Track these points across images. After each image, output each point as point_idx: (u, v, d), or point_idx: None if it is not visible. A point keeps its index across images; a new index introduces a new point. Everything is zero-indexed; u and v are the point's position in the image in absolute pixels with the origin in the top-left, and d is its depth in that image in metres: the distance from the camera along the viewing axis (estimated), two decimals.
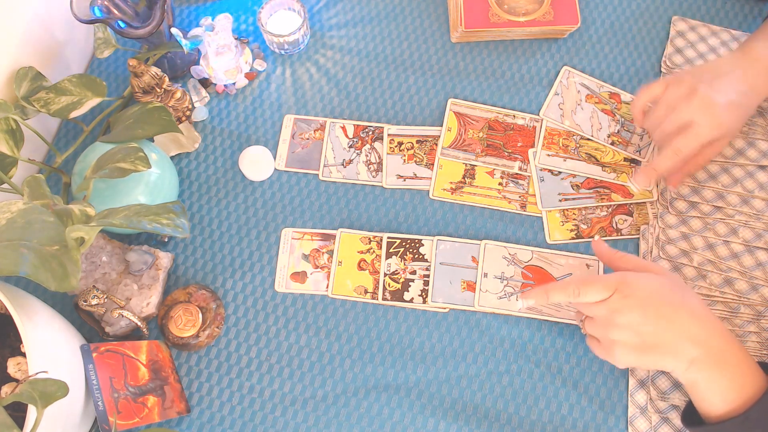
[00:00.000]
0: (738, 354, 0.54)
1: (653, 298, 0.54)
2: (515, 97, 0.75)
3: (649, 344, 0.54)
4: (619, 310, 0.55)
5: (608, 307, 0.55)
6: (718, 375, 0.53)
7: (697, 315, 0.55)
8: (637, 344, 0.55)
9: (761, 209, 0.67)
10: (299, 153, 0.73)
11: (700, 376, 0.54)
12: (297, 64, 0.77)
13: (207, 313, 0.64)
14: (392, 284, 0.67)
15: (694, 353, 0.53)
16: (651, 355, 0.55)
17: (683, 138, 0.62)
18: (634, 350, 0.55)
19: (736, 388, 0.52)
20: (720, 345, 0.54)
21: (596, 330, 0.57)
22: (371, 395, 0.63)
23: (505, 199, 0.70)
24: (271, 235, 0.70)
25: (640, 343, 0.54)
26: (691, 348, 0.53)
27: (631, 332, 0.54)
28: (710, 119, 0.61)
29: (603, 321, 0.56)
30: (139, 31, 0.66)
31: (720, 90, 0.61)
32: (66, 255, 0.46)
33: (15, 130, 0.62)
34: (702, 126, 0.61)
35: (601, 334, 0.57)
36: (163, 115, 0.64)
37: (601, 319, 0.56)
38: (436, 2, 0.80)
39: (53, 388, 0.46)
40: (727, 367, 0.53)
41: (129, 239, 0.69)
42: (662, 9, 0.79)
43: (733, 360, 0.53)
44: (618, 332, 0.55)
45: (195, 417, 0.63)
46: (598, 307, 0.56)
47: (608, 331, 0.56)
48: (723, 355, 0.53)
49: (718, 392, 0.53)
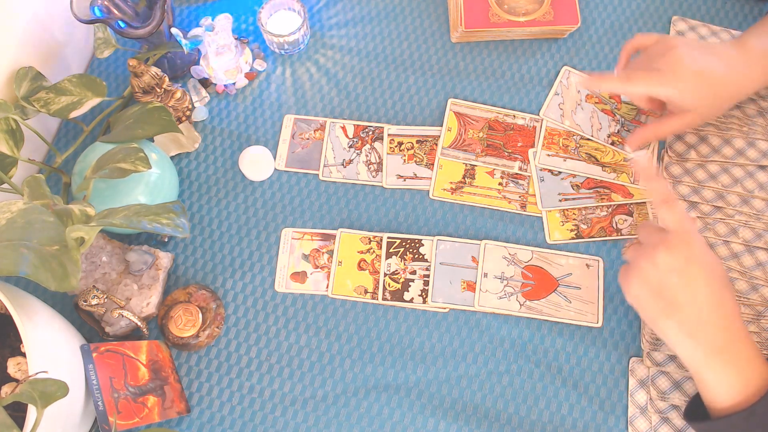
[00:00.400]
0: (748, 350, 0.54)
1: (702, 263, 0.54)
2: (515, 97, 0.75)
3: (666, 295, 0.54)
4: (669, 248, 0.54)
5: (661, 238, 0.55)
6: (724, 366, 0.53)
7: (724, 304, 0.54)
8: (656, 285, 0.55)
9: (761, 209, 0.67)
10: (299, 153, 0.73)
11: (707, 363, 0.54)
12: (297, 64, 0.77)
13: (207, 313, 0.64)
14: (392, 284, 0.67)
15: (705, 337, 0.53)
16: (659, 304, 0.55)
17: (641, 78, 0.62)
18: (650, 288, 0.55)
19: (743, 382, 0.52)
20: (732, 338, 0.54)
21: (634, 254, 0.57)
22: (371, 395, 0.63)
23: (505, 199, 0.70)
24: (271, 235, 0.70)
25: (660, 286, 0.55)
26: (704, 330, 0.53)
27: (660, 272, 0.54)
28: (674, 77, 0.61)
29: (647, 248, 0.56)
30: (139, 31, 0.66)
31: (700, 59, 0.61)
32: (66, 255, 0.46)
33: (15, 130, 0.62)
34: (663, 79, 0.61)
35: (636, 258, 0.57)
36: (163, 115, 0.64)
37: (647, 246, 0.56)
38: (436, 2, 0.80)
39: (53, 388, 0.46)
40: (736, 360, 0.53)
41: (129, 239, 0.69)
42: (662, 9, 0.79)
43: (742, 354, 0.53)
44: (650, 264, 0.55)
45: (195, 417, 0.63)
46: (653, 235, 0.56)
47: (645, 258, 0.55)
48: (732, 348, 0.53)
49: (724, 384, 0.53)
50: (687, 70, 0.61)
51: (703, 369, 0.54)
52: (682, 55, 0.61)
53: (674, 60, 0.61)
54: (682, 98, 0.62)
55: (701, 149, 0.70)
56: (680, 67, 0.61)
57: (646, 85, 0.62)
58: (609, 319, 0.65)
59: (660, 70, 0.61)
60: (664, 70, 0.61)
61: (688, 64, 0.61)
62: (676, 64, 0.61)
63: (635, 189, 0.70)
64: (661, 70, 0.61)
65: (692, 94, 0.61)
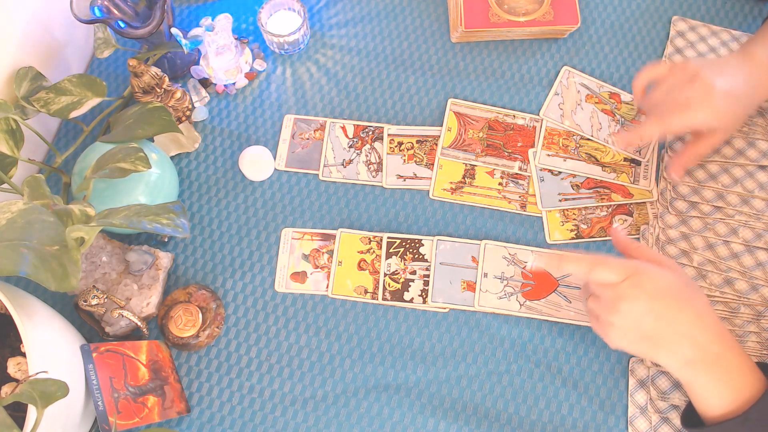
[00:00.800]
0: (737, 359, 0.54)
1: (662, 293, 0.55)
2: (515, 97, 0.75)
3: (647, 336, 0.55)
4: (626, 298, 0.55)
5: (616, 292, 0.55)
6: (714, 378, 0.53)
7: (701, 317, 0.54)
8: (635, 333, 0.55)
9: (761, 209, 0.67)
10: (299, 153, 0.73)
11: (696, 378, 0.54)
12: (297, 64, 0.77)
13: (207, 313, 0.64)
14: (392, 284, 0.67)
15: (691, 355, 0.54)
16: (645, 346, 0.55)
17: (676, 114, 0.62)
18: (630, 337, 0.55)
19: (734, 392, 0.53)
20: (719, 350, 0.54)
21: (598, 308, 0.57)
22: (371, 395, 0.63)
23: (505, 199, 0.70)
24: (271, 235, 0.70)
25: (638, 332, 0.55)
26: (689, 349, 0.54)
27: (631, 320, 0.55)
28: (708, 104, 0.61)
29: (607, 303, 0.56)
30: (139, 31, 0.66)
31: (723, 78, 0.61)
32: (66, 255, 0.46)
33: (15, 130, 0.62)
34: (698, 108, 0.61)
35: (602, 314, 0.57)
36: (163, 115, 0.64)
37: (606, 301, 0.56)
38: (436, 2, 0.80)
39: (53, 388, 0.46)
40: (725, 371, 0.53)
41: (129, 239, 0.69)
42: (662, 9, 0.79)
43: (731, 365, 0.53)
44: (619, 317, 0.55)
45: (195, 417, 0.63)
46: (606, 289, 0.56)
47: (610, 313, 0.56)
48: (721, 360, 0.53)
49: (715, 395, 0.53)
50: (719, 94, 0.61)
51: (695, 382, 0.55)
52: (711, 80, 0.61)
53: (705, 87, 0.61)
54: (717, 120, 0.62)
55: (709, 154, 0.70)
56: (712, 93, 0.61)
57: (685, 122, 0.62)
58: None
59: (690, 99, 0.61)
60: (695, 98, 0.61)
61: (719, 87, 0.61)
62: (708, 92, 0.61)
63: (635, 189, 0.70)
64: (691, 100, 0.61)
65: (725, 115, 0.62)
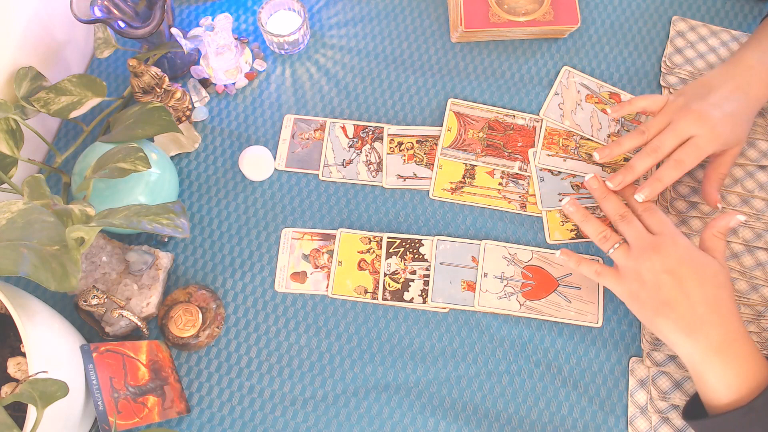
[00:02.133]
0: (746, 347, 0.54)
1: (693, 263, 0.56)
2: (515, 97, 0.75)
3: (659, 294, 0.56)
4: (659, 250, 0.57)
5: (652, 242, 0.57)
6: (722, 363, 0.54)
7: (719, 302, 0.55)
8: (650, 286, 0.56)
9: (761, 209, 0.67)
10: (299, 153, 0.73)
11: (704, 361, 0.54)
12: (297, 64, 0.77)
13: (207, 313, 0.64)
14: (392, 284, 0.67)
15: (700, 335, 0.54)
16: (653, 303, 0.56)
17: (684, 149, 0.62)
18: (645, 288, 0.57)
19: (741, 378, 0.53)
20: (728, 335, 0.54)
21: (626, 257, 0.59)
22: (371, 395, 0.63)
23: (505, 199, 0.70)
24: (271, 235, 0.70)
25: (654, 286, 0.56)
26: (699, 328, 0.54)
27: (654, 273, 0.56)
28: (708, 132, 0.61)
29: (640, 248, 0.58)
30: (139, 31, 0.66)
31: (714, 104, 0.62)
32: (66, 255, 0.46)
33: (15, 130, 0.62)
34: (701, 138, 0.62)
35: (627, 263, 0.59)
36: (163, 115, 0.64)
37: (639, 246, 0.58)
38: (436, 2, 0.80)
39: (53, 388, 0.46)
40: (734, 357, 0.54)
41: (129, 239, 0.69)
42: (662, 9, 0.79)
43: (740, 351, 0.54)
44: (645, 265, 0.57)
45: (195, 417, 0.63)
46: (642, 237, 0.58)
47: (638, 260, 0.58)
48: (729, 345, 0.54)
49: (723, 381, 0.53)
50: (715, 120, 0.61)
51: (702, 367, 0.55)
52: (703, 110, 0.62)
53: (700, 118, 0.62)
54: (725, 144, 0.63)
55: None
56: (710, 121, 0.61)
57: (697, 157, 0.62)
58: (609, 319, 0.65)
59: (694, 136, 0.62)
60: (698, 134, 0.62)
61: (715, 114, 0.62)
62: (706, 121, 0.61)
63: None
64: (696, 136, 0.62)
65: (730, 136, 0.62)
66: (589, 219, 0.63)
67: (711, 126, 0.61)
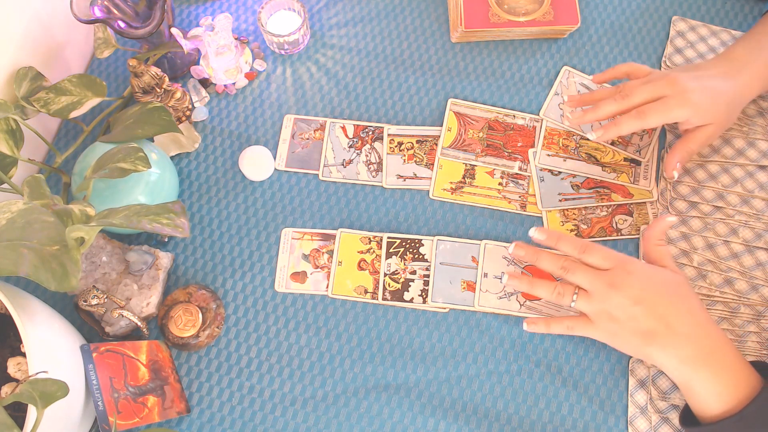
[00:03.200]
0: (731, 356, 0.54)
1: (654, 285, 0.55)
2: (515, 97, 0.75)
3: (640, 329, 0.55)
4: (619, 285, 0.55)
5: (608, 280, 0.56)
6: (711, 374, 0.54)
7: (693, 314, 0.55)
8: (628, 325, 0.55)
9: (761, 209, 0.67)
10: (299, 153, 0.73)
11: (692, 376, 0.54)
12: (297, 64, 0.77)
13: (207, 313, 0.64)
14: (392, 284, 0.67)
15: (685, 352, 0.54)
16: (637, 341, 0.56)
17: (651, 104, 0.62)
18: (621, 326, 0.56)
19: (731, 388, 0.53)
20: (713, 345, 0.54)
21: (589, 304, 0.57)
22: (371, 395, 0.63)
23: (505, 199, 0.70)
24: (271, 235, 0.70)
25: (631, 325, 0.55)
26: (683, 346, 0.54)
27: (623, 309, 0.55)
28: (679, 95, 0.61)
29: (599, 292, 0.56)
30: (139, 31, 0.66)
31: (696, 76, 0.62)
32: (66, 255, 0.46)
33: (15, 130, 0.62)
34: (672, 99, 0.61)
35: (593, 308, 0.57)
36: (163, 115, 0.64)
37: (598, 290, 0.56)
38: (436, 2, 0.80)
39: (53, 388, 0.46)
40: (720, 368, 0.54)
41: (129, 239, 0.69)
42: (662, 9, 0.79)
43: (726, 362, 0.54)
44: (611, 306, 0.55)
45: (195, 417, 0.63)
46: (596, 279, 0.56)
47: (603, 302, 0.56)
48: (716, 356, 0.54)
49: (712, 392, 0.54)
50: (693, 90, 0.61)
51: (691, 380, 0.55)
52: (683, 79, 0.62)
53: (679, 85, 0.62)
54: (699, 116, 0.62)
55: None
56: (686, 87, 0.61)
57: (662, 114, 0.62)
58: None
59: (666, 96, 0.62)
60: (670, 95, 0.62)
61: (692, 84, 0.61)
62: (683, 89, 0.61)
63: (635, 189, 0.70)
64: (667, 96, 0.62)
65: (706, 110, 0.62)
66: (535, 283, 0.61)
67: (684, 91, 0.61)
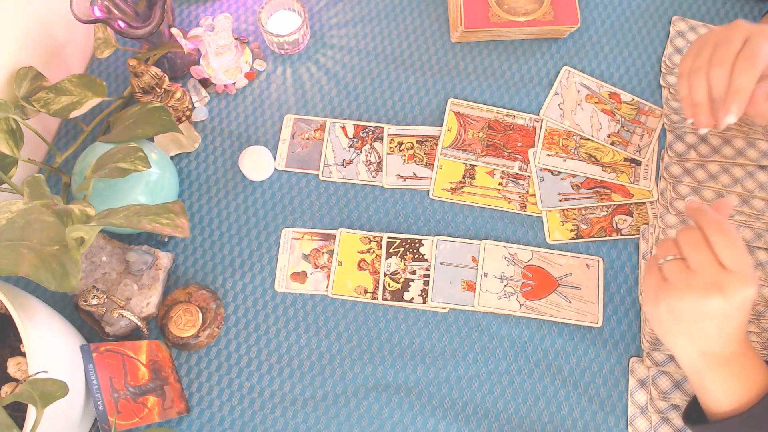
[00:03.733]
0: (749, 357, 0.53)
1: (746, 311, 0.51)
2: (515, 97, 0.75)
3: (693, 326, 0.51)
4: (724, 295, 0.49)
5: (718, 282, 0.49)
6: (727, 374, 0.53)
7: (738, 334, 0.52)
8: (687, 319, 0.51)
9: (761, 209, 0.67)
10: (299, 153, 0.73)
11: (708, 372, 0.54)
12: (297, 64, 0.77)
13: (207, 313, 0.64)
14: (392, 284, 0.67)
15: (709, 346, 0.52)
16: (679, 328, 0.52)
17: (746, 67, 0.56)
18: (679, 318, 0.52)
19: (744, 387, 0.52)
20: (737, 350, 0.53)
21: (677, 276, 0.51)
22: (371, 395, 0.63)
23: (505, 199, 0.70)
24: (271, 235, 0.70)
25: (691, 321, 0.51)
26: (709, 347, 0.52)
27: (700, 314, 0.50)
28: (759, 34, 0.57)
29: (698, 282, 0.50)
30: (139, 31, 0.66)
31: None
32: (66, 255, 0.46)
33: (15, 130, 0.62)
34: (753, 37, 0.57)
35: (677, 284, 0.51)
36: (163, 115, 0.64)
37: (699, 281, 0.50)
38: (436, 2, 0.80)
39: (53, 388, 0.46)
40: (738, 367, 0.53)
41: (129, 239, 0.69)
42: (662, 9, 0.79)
43: (744, 363, 0.53)
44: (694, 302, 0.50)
45: (195, 417, 0.63)
46: (710, 269, 0.50)
47: (689, 292, 0.50)
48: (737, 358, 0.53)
49: (725, 390, 0.53)
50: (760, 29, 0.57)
51: (705, 378, 0.54)
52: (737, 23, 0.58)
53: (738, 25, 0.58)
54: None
55: (701, 149, 0.70)
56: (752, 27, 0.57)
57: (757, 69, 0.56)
58: (609, 319, 0.65)
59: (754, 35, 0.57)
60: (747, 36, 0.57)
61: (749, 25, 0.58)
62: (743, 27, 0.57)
63: (635, 189, 0.70)
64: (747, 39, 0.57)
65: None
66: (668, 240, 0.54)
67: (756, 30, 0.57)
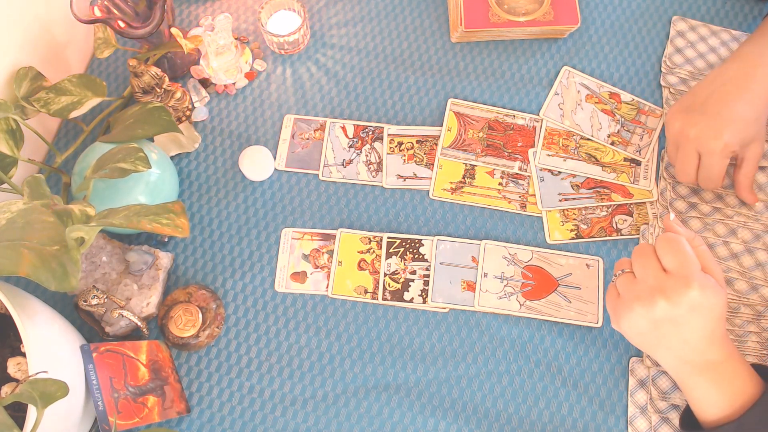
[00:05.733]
0: (735, 364, 0.53)
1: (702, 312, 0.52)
2: (515, 97, 0.75)
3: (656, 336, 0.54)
4: (668, 298, 0.51)
5: (661, 286, 0.52)
6: (710, 382, 0.53)
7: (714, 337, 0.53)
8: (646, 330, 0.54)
9: (760, 210, 0.67)
10: (299, 153, 0.73)
11: (692, 380, 0.54)
12: (297, 63, 0.77)
13: (207, 313, 0.64)
14: (392, 284, 0.67)
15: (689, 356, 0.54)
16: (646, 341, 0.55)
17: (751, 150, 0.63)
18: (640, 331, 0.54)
19: (729, 397, 0.53)
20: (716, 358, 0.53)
21: (627, 290, 0.54)
22: (371, 395, 0.63)
23: (505, 199, 0.70)
24: (271, 235, 0.70)
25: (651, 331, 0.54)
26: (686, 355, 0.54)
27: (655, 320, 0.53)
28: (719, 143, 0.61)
29: (644, 290, 0.53)
30: (139, 31, 0.66)
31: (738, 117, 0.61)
32: (66, 255, 0.46)
33: (15, 130, 0.62)
34: (709, 156, 0.62)
35: (628, 297, 0.54)
36: (163, 115, 0.64)
37: (644, 288, 0.53)
38: (436, 2, 0.80)
39: (53, 388, 0.46)
40: (721, 376, 0.53)
41: (129, 239, 0.69)
42: (662, 9, 0.79)
43: (728, 371, 0.53)
44: (644, 310, 0.53)
45: (195, 417, 0.63)
46: (652, 276, 0.53)
47: (638, 302, 0.53)
48: (717, 367, 0.53)
49: (710, 399, 0.53)
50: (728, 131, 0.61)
51: (687, 386, 0.55)
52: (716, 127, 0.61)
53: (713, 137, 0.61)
54: (741, 143, 0.62)
55: None
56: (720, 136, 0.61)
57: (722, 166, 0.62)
58: (609, 319, 0.65)
59: (701, 153, 0.62)
60: (703, 152, 0.62)
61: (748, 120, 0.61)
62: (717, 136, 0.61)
63: (635, 189, 0.70)
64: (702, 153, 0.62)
65: (740, 133, 0.61)
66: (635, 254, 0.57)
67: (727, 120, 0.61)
